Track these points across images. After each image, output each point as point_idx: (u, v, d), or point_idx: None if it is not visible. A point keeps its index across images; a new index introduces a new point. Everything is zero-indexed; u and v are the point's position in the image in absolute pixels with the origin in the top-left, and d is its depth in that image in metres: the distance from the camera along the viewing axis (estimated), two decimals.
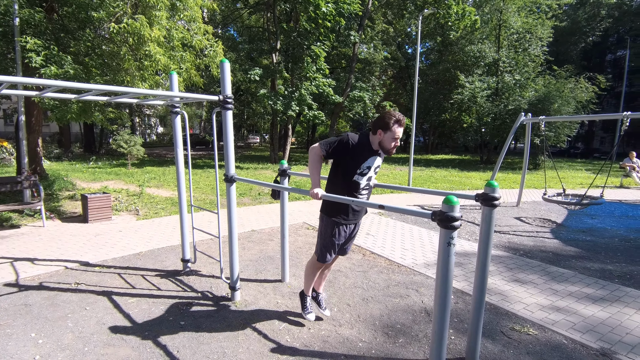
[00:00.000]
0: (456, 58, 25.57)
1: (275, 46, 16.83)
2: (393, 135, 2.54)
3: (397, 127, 2.53)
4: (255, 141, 43.21)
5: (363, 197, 2.72)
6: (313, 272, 2.96)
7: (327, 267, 3.10)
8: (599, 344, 2.76)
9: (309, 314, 3.08)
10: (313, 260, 2.91)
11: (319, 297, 3.16)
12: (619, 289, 3.78)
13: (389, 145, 2.58)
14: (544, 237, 5.85)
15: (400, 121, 2.53)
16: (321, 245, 2.79)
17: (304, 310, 3.10)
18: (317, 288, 3.16)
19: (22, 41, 6.12)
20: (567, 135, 18.66)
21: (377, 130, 2.57)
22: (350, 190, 2.64)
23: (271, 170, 15.56)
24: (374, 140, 2.61)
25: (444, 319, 1.98)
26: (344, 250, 2.95)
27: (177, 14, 7.50)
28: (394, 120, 2.52)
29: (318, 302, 3.15)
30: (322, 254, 2.80)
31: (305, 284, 3.05)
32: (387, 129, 2.54)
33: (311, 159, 2.59)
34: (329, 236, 2.74)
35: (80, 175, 11.65)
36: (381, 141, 2.58)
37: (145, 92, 2.84)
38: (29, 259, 4.41)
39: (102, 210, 6.25)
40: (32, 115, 8.24)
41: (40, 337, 2.75)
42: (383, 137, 2.56)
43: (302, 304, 3.11)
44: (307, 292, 3.08)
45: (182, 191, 4.03)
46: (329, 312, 3.20)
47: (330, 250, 2.78)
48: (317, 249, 2.84)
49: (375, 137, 2.60)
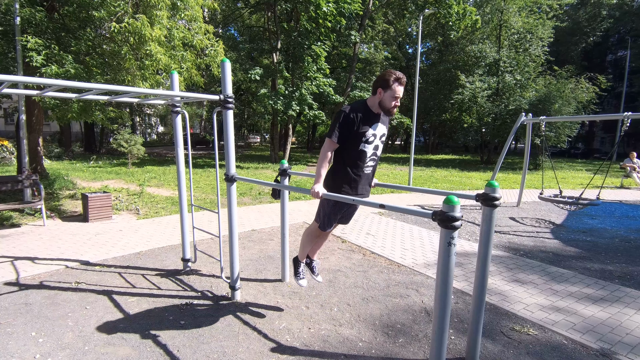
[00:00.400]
0: (457, 58, 25.56)
1: (276, 46, 16.83)
2: (393, 93, 2.50)
3: (397, 85, 2.49)
4: (255, 141, 43.20)
5: (369, 169, 2.68)
6: (310, 240, 2.93)
7: (325, 236, 3.06)
8: (599, 344, 2.76)
9: (301, 279, 3.07)
10: (313, 227, 2.86)
11: (313, 263, 3.14)
12: (619, 290, 3.78)
13: (389, 104, 2.53)
14: (544, 237, 5.84)
15: (400, 79, 2.49)
16: (322, 213, 2.75)
17: (296, 277, 3.09)
18: (312, 255, 3.15)
19: (22, 40, 6.13)
20: (568, 135, 18.65)
21: (377, 89, 2.53)
22: (356, 160, 2.60)
23: (271, 169, 15.56)
24: (374, 102, 2.57)
25: (444, 318, 1.98)
26: (346, 219, 2.91)
27: (178, 13, 7.51)
28: (393, 77, 2.48)
29: (311, 268, 3.14)
30: (324, 222, 2.75)
31: (301, 251, 3.02)
32: (387, 87, 2.50)
33: (322, 154, 2.55)
34: (332, 204, 2.68)
35: (81, 175, 11.66)
36: (381, 100, 2.54)
37: (146, 92, 2.84)
38: (29, 258, 4.42)
39: (103, 210, 6.26)
40: (32, 115, 8.25)
41: (41, 336, 2.75)
42: (383, 95, 2.52)
43: (295, 270, 3.09)
44: (301, 259, 3.07)
45: (183, 190, 4.04)
46: (321, 278, 3.20)
47: (332, 218, 2.74)
48: (319, 217, 2.79)
49: (375, 97, 2.56)
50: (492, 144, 23.23)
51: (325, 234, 2.98)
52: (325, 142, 2.57)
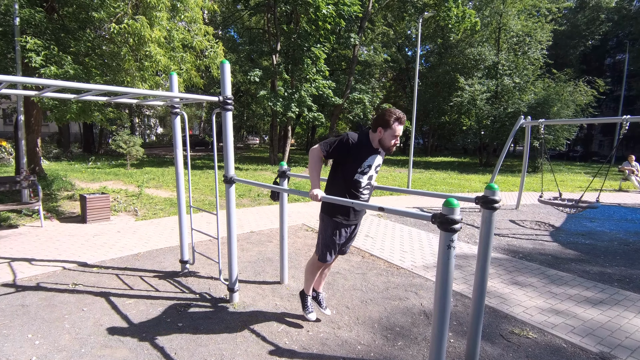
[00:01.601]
0: (456, 61, 25.64)
1: (276, 47, 16.85)
2: (393, 132, 2.53)
3: (397, 124, 2.52)
4: (254, 142, 43.19)
5: (364, 196, 2.71)
6: (313, 272, 2.96)
7: (327, 267, 3.10)
8: (598, 347, 2.75)
9: (310, 313, 3.07)
10: (314, 260, 2.91)
11: (320, 296, 3.15)
12: (618, 293, 3.77)
13: (389, 143, 2.57)
14: (543, 240, 5.84)
15: (401, 119, 2.53)
16: (322, 245, 2.79)
17: (304, 310, 3.09)
18: (317, 288, 3.16)
19: (22, 41, 6.12)
20: (566, 138, 18.68)
21: (377, 127, 2.56)
22: (351, 189, 2.63)
23: (270, 171, 15.55)
24: (374, 138, 2.60)
25: (443, 321, 1.96)
26: (344, 250, 2.96)
27: (178, 14, 7.50)
28: (394, 118, 2.51)
29: (318, 301, 3.15)
30: (323, 253, 2.79)
31: (306, 284, 3.04)
32: (387, 127, 2.53)
33: (311, 160, 2.58)
34: (329, 236, 2.74)
35: (79, 176, 11.63)
36: (381, 139, 2.57)
37: (145, 93, 2.83)
38: (26, 259, 4.39)
39: (101, 211, 6.24)
40: (31, 115, 8.23)
41: (37, 338, 2.73)
42: (383, 134, 2.55)
43: (303, 304, 3.10)
44: (307, 292, 3.07)
45: (181, 192, 4.02)
46: (329, 311, 3.20)
47: (331, 250, 2.78)
48: (318, 249, 2.84)
49: (376, 134, 2.58)
50: (491, 147, 23.26)
51: (326, 265, 3.01)
52: (315, 149, 2.56)
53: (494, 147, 23.20)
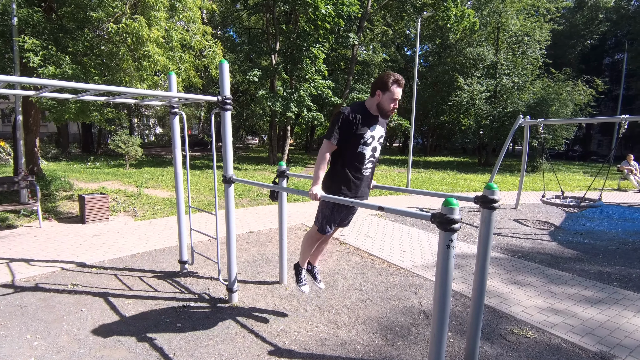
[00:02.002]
0: (455, 60, 25.65)
1: (275, 47, 16.84)
2: (392, 95, 2.51)
3: (395, 87, 2.50)
4: (253, 142, 43.23)
5: (367, 170, 2.67)
6: (311, 245, 2.91)
7: (325, 241, 3.05)
8: (597, 347, 2.75)
9: (303, 286, 3.05)
10: (312, 231, 2.85)
11: (315, 269, 3.13)
12: (617, 292, 3.78)
13: (387, 106, 2.54)
14: (542, 239, 5.85)
15: (399, 81, 2.50)
16: (322, 216, 2.74)
17: (298, 283, 3.07)
18: (313, 261, 3.14)
19: (20, 41, 6.10)
20: (565, 138, 18.71)
21: (375, 91, 2.54)
22: (354, 163, 2.60)
23: (270, 171, 15.54)
24: (372, 104, 2.57)
25: (443, 321, 1.96)
26: (345, 222, 2.91)
27: (176, 14, 7.49)
28: (392, 79, 2.49)
29: (313, 274, 3.12)
30: (323, 224, 2.74)
31: (302, 257, 3.01)
32: (385, 89, 2.50)
33: (320, 155, 2.55)
34: (330, 207, 2.68)
35: (78, 176, 11.61)
36: (379, 102, 2.54)
37: (143, 93, 2.83)
38: (25, 259, 4.38)
39: (100, 211, 6.22)
40: (29, 115, 8.21)
41: (36, 338, 2.72)
42: (382, 98, 2.53)
43: (297, 276, 3.07)
44: (302, 265, 3.05)
45: (180, 192, 4.02)
46: (323, 285, 3.19)
47: (331, 221, 2.73)
48: (318, 220, 2.78)
49: (374, 99, 2.56)
50: (490, 146, 23.28)
51: (325, 237, 2.96)
52: (323, 144, 2.56)
53: (493, 146, 23.22)
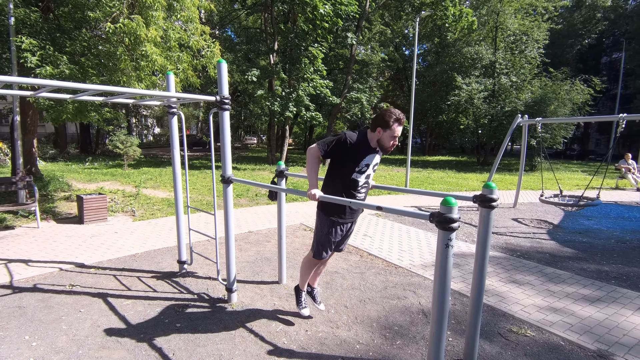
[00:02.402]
0: (453, 60, 25.65)
1: (273, 47, 16.81)
2: (392, 133, 2.53)
3: (396, 125, 2.52)
4: (252, 142, 43.13)
5: (361, 195, 2.71)
6: (309, 269, 2.97)
7: (323, 264, 3.12)
8: (596, 345, 2.76)
9: (303, 308, 3.09)
10: (309, 256, 2.92)
11: (314, 291, 3.17)
12: (615, 290, 3.79)
13: (387, 143, 2.57)
14: (541, 238, 5.86)
15: (400, 120, 2.52)
16: (317, 242, 2.80)
17: (298, 305, 3.10)
18: (312, 283, 3.18)
19: (17, 41, 6.08)
20: (564, 137, 18.74)
21: (376, 127, 2.55)
22: (348, 188, 2.63)
23: (268, 171, 15.53)
24: (373, 138, 2.60)
25: (442, 320, 1.97)
26: (340, 247, 2.97)
27: (174, 14, 7.48)
28: (394, 118, 2.50)
29: (313, 296, 3.17)
30: (319, 251, 2.81)
31: (301, 280, 3.06)
32: (386, 127, 2.52)
33: (309, 159, 2.58)
34: (325, 234, 2.75)
35: (76, 176, 11.57)
36: (380, 139, 2.57)
37: (141, 93, 2.82)
38: (23, 260, 4.37)
39: (98, 212, 6.21)
40: (27, 116, 8.18)
41: (34, 339, 2.72)
42: (382, 135, 2.55)
43: (297, 299, 3.12)
44: (302, 287, 3.09)
45: (179, 192, 4.01)
46: (323, 306, 3.22)
47: (327, 247, 2.80)
48: (314, 246, 2.85)
49: (374, 134, 2.58)
50: (488, 146, 23.30)
51: (321, 262, 3.03)
52: (312, 148, 2.56)
53: (492, 146, 23.24)
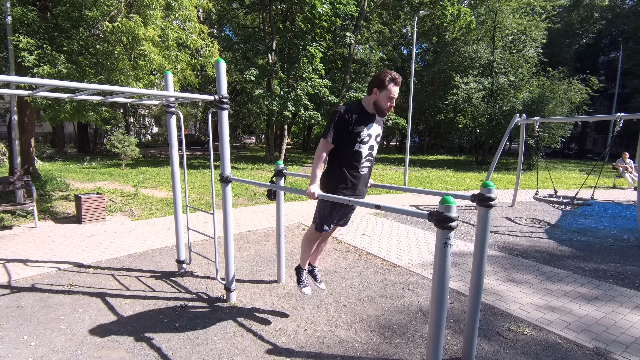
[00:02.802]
0: (451, 59, 25.70)
1: (271, 46, 16.80)
2: (389, 94, 2.50)
3: (392, 85, 2.49)
4: (251, 141, 43.11)
5: (364, 169, 2.68)
6: (310, 244, 2.91)
7: (324, 240, 3.05)
8: (593, 343, 2.77)
9: (304, 287, 3.05)
10: (311, 231, 2.85)
11: (315, 270, 3.13)
12: (613, 289, 3.81)
13: (384, 104, 2.54)
14: (539, 237, 5.88)
15: (396, 79, 2.50)
16: (319, 215, 2.74)
17: (299, 284, 3.06)
18: (313, 262, 3.13)
19: (14, 40, 6.05)
20: (561, 136, 18.80)
21: (372, 89, 2.54)
22: (351, 161, 2.60)
23: (267, 170, 15.52)
24: (369, 102, 2.58)
25: (440, 319, 1.97)
26: (344, 221, 2.91)
27: (172, 13, 7.46)
28: (389, 78, 2.48)
29: (314, 275, 3.12)
30: (321, 223, 2.74)
31: (302, 258, 3.00)
32: (382, 87, 2.50)
33: (317, 154, 2.56)
34: (328, 206, 2.68)
35: (74, 176, 11.54)
36: (376, 100, 2.54)
37: (139, 92, 2.81)
38: (21, 260, 4.36)
39: (96, 211, 6.19)
40: (24, 115, 8.16)
41: (33, 339, 2.71)
42: (378, 96, 2.53)
43: (298, 278, 3.07)
44: (303, 266, 3.04)
45: (177, 191, 4.00)
46: (324, 285, 3.19)
47: (329, 220, 2.74)
48: (316, 219, 2.78)
49: (371, 97, 2.56)
50: (486, 145, 23.37)
51: (323, 237, 2.97)
52: (320, 143, 2.57)
53: (490, 145, 23.31)
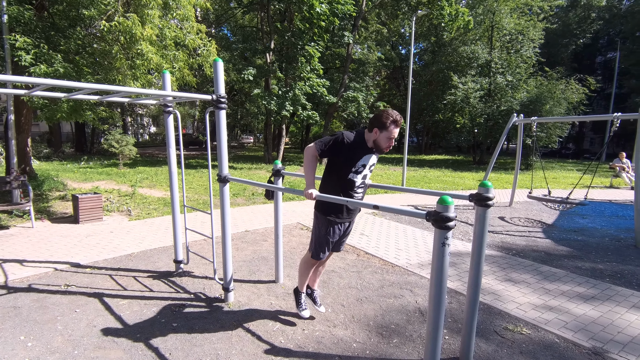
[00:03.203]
0: (449, 59, 25.76)
1: (269, 46, 16.77)
2: (389, 135, 2.54)
3: (393, 127, 2.53)
4: (249, 141, 43.07)
5: (358, 195, 2.72)
6: (307, 269, 2.96)
7: (322, 264, 3.10)
8: (590, 342, 2.78)
9: (303, 310, 3.07)
10: (307, 257, 2.91)
11: (314, 293, 3.15)
12: (610, 288, 3.82)
13: (383, 144, 2.58)
14: (536, 236, 5.90)
15: (397, 122, 2.53)
16: (315, 242, 2.80)
17: (298, 307, 3.09)
18: (312, 285, 3.16)
19: (11, 39, 6.02)
20: (559, 136, 18.87)
21: (373, 128, 2.56)
22: (345, 188, 2.64)
23: (265, 170, 15.50)
24: (369, 138, 2.61)
25: (438, 319, 1.97)
26: (338, 247, 2.97)
27: (170, 12, 7.43)
28: (391, 120, 2.52)
29: (313, 298, 3.15)
30: (317, 251, 2.80)
31: (300, 281, 3.04)
32: (383, 129, 2.53)
33: (306, 158, 2.59)
34: (323, 234, 2.75)
35: (72, 176, 11.50)
36: (376, 140, 2.58)
37: (137, 91, 2.80)
38: (17, 260, 4.33)
39: (93, 211, 6.17)
40: (21, 115, 8.11)
41: (30, 339, 2.70)
42: (379, 136, 2.56)
43: (297, 301, 3.10)
44: (301, 289, 3.07)
45: (175, 191, 3.99)
46: (323, 308, 3.20)
47: (325, 247, 2.79)
48: (312, 246, 2.85)
49: (371, 135, 2.59)
50: (484, 145, 23.43)
51: (320, 263, 3.02)
52: (310, 147, 2.59)
53: (488, 144, 23.38)
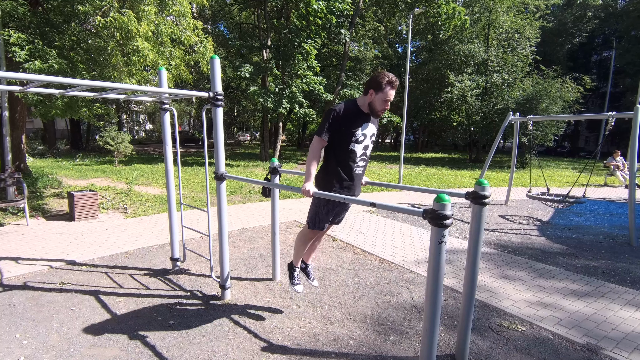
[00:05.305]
0: (446, 57, 25.77)
1: (266, 43, 16.72)
2: (385, 96, 2.51)
3: (389, 88, 2.50)
4: (245, 139, 42.96)
5: (359, 168, 2.69)
6: (304, 243, 2.91)
7: (319, 239, 3.05)
8: (585, 339, 2.81)
9: (296, 285, 3.04)
10: (305, 229, 2.85)
11: (308, 268, 3.13)
12: (603, 285, 3.86)
13: (379, 106, 2.55)
14: (532, 234, 5.94)
15: (393, 82, 2.50)
16: (314, 213, 2.74)
17: (291, 282, 3.06)
18: (306, 259, 3.13)
19: (5, 34, 5.95)
20: (554, 134, 18.97)
21: (368, 90, 2.54)
22: (346, 160, 2.60)
23: (262, 167, 15.48)
24: (364, 102, 2.58)
25: (434, 316, 1.99)
26: (337, 220, 2.91)
27: (166, 8, 7.37)
28: (386, 80, 2.49)
29: (307, 272, 3.12)
30: (315, 222, 2.75)
31: (295, 255, 3.00)
32: (379, 90, 2.50)
33: (311, 151, 2.55)
34: (323, 204, 2.68)
35: (67, 173, 11.42)
36: (372, 102, 2.55)
37: (133, 88, 2.79)
38: (12, 258, 4.30)
39: (89, 209, 6.14)
40: (15, 111, 8.04)
41: (25, 337, 2.69)
42: (374, 97, 2.53)
43: (290, 275, 3.07)
44: (296, 264, 3.04)
45: (171, 189, 3.98)
46: (317, 282, 3.19)
47: (324, 219, 2.74)
48: (309, 218, 2.78)
49: (366, 97, 2.56)
50: (480, 143, 23.50)
51: (318, 235, 2.97)
52: (314, 140, 2.57)
53: (484, 143, 23.45)
